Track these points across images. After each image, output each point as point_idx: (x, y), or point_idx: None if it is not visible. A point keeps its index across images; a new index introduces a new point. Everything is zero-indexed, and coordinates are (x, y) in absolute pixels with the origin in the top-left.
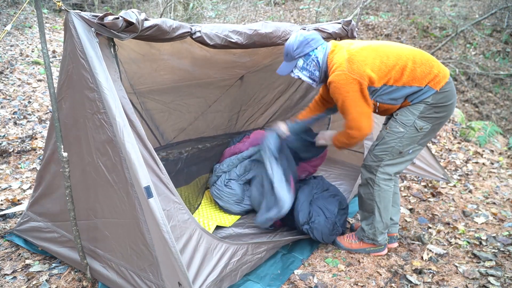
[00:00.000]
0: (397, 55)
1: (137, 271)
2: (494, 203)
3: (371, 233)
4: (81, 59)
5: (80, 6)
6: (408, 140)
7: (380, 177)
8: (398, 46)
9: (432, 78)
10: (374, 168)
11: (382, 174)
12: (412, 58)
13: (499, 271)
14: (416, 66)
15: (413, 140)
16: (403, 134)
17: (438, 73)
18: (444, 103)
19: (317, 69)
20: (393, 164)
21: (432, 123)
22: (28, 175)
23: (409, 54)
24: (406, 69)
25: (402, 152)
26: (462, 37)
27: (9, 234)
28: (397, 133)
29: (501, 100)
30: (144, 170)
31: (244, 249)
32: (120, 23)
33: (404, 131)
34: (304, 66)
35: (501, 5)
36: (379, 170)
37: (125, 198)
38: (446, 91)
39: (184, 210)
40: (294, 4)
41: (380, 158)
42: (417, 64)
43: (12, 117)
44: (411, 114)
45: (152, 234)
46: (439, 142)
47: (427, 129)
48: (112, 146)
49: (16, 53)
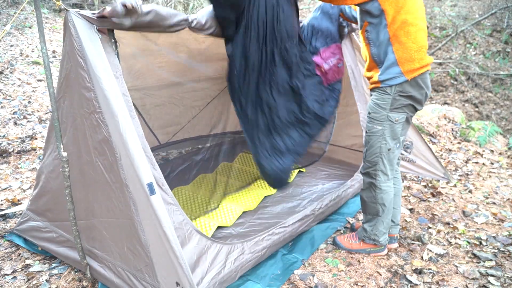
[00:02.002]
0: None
1: (134, 272)
2: (494, 203)
3: (373, 234)
4: (79, 58)
5: (80, 6)
6: (390, 136)
7: (380, 179)
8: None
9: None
10: (372, 173)
11: (381, 177)
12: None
13: (499, 271)
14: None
15: (394, 134)
16: (383, 131)
17: (423, 58)
18: (412, 93)
19: None
20: (388, 163)
21: (405, 113)
22: (28, 175)
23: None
24: (405, 27)
25: (391, 148)
26: (462, 37)
27: (9, 234)
28: (377, 132)
29: (501, 100)
30: (146, 167)
31: (239, 248)
32: (119, 8)
33: (382, 128)
34: None
35: (501, 5)
36: (377, 173)
37: (122, 198)
38: (417, 82)
39: (179, 211)
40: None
41: (374, 162)
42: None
43: (12, 117)
44: (381, 109)
45: (147, 235)
46: (439, 142)
47: (403, 119)
48: (109, 146)
49: (16, 53)
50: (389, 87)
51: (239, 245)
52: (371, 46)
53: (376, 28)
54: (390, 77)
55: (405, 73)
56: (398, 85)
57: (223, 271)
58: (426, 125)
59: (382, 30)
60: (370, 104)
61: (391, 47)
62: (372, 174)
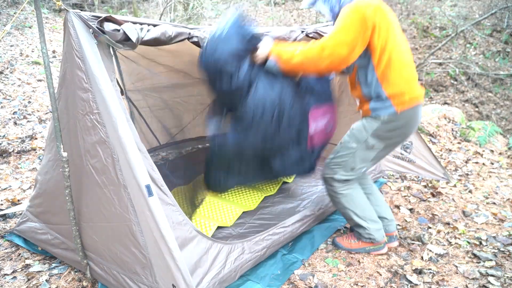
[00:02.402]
0: (400, 50)
1: (129, 274)
2: (494, 203)
3: (366, 233)
4: (77, 58)
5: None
6: (360, 157)
7: (338, 186)
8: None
9: (401, 93)
10: (330, 180)
11: (338, 183)
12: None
13: (499, 271)
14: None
15: (365, 158)
16: (355, 151)
17: (411, 92)
18: (399, 126)
19: (338, 3)
20: (346, 175)
21: (385, 143)
22: (28, 175)
23: (408, 59)
24: (391, 65)
25: (354, 168)
26: (462, 37)
27: (9, 234)
28: (350, 148)
29: (501, 100)
30: (143, 169)
31: (240, 248)
32: (120, 36)
33: (356, 147)
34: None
35: (501, 5)
36: (334, 181)
37: (116, 200)
38: (405, 117)
39: (178, 212)
40: (294, 4)
41: (334, 171)
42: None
43: (12, 117)
44: (365, 130)
45: (145, 236)
46: (439, 142)
47: (379, 148)
48: (105, 148)
49: (16, 53)
50: (379, 116)
51: (239, 244)
52: (362, 86)
53: (365, 71)
54: (381, 107)
55: (396, 105)
56: (387, 116)
57: (223, 271)
58: (426, 125)
59: (370, 72)
60: (358, 122)
61: (380, 85)
62: (329, 180)
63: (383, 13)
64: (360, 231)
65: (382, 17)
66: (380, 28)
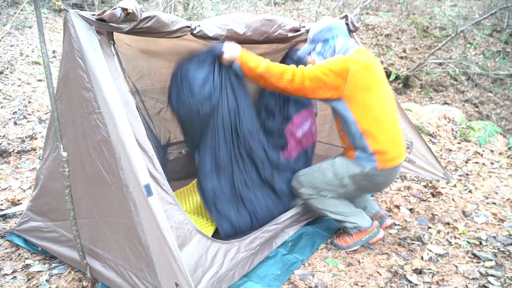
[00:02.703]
0: (387, 109)
1: (135, 271)
2: (494, 203)
3: (350, 225)
4: (78, 58)
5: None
6: (330, 187)
7: (304, 196)
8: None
9: (385, 151)
10: (296, 190)
11: (303, 195)
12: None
13: (499, 271)
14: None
15: (334, 190)
16: (329, 180)
17: (394, 151)
18: (376, 180)
19: (332, 56)
20: (310, 193)
21: (357, 186)
22: (28, 175)
23: (395, 119)
24: (378, 122)
25: (320, 192)
26: (462, 37)
27: (9, 234)
28: (325, 176)
29: (501, 100)
30: (144, 169)
31: (236, 247)
32: (119, 12)
33: (331, 178)
34: (321, 51)
35: (501, 5)
36: (299, 192)
37: (121, 198)
38: (384, 174)
39: (180, 211)
40: (294, 4)
41: (301, 185)
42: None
43: (12, 117)
44: (346, 169)
45: (147, 235)
46: (439, 142)
47: (350, 189)
48: (107, 147)
49: (16, 53)
50: (361, 165)
51: (236, 243)
52: (347, 136)
53: (347, 123)
54: (365, 158)
55: (378, 161)
56: (369, 168)
57: (221, 270)
58: (426, 125)
59: (352, 125)
60: (343, 159)
61: (365, 140)
62: (295, 190)
63: (371, 71)
64: (345, 225)
65: (369, 75)
66: (360, 86)
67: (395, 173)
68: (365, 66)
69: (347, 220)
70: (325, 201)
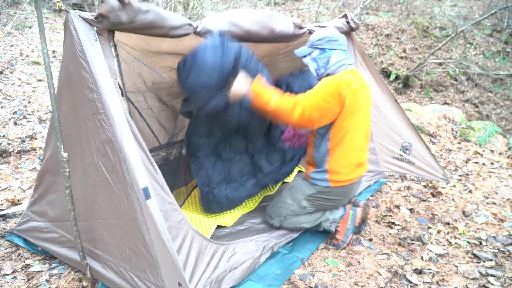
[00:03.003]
0: (356, 136)
1: (136, 272)
2: (494, 203)
3: (330, 223)
4: (81, 59)
5: (80, 6)
6: (293, 213)
7: (278, 224)
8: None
9: (338, 172)
10: (269, 223)
11: (276, 223)
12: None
13: (499, 271)
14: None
15: (296, 214)
16: (289, 206)
17: (347, 173)
18: (330, 197)
19: (324, 67)
20: (280, 222)
21: (316, 207)
22: (28, 175)
23: (358, 146)
24: (342, 145)
25: (287, 217)
26: (462, 37)
27: (9, 234)
28: (285, 203)
29: (501, 100)
30: (142, 172)
31: (231, 249)
32: (114, 1)
33: (291, 203)
34: (316, 58)
35: (501, 5)
36: (272, 223)
37: (125, 199)
38: (337, 191)
39: (178, 211)
40: (294, 4)
41: (270, 217)
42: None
43: (12, 117)
44: (301, 192)
45: (152, 234)
46: (439, 142)
47: (310, 210)
48: (112, 147)
49: (16, 53)
50: (315, 184)
51: (232, 246)
52: (315, 149)
53: (320, 139)
54: (318, 178)
55: (330, 180)
56: (322, 187)
57: (218, 270)
58: (426, 125)
59: (324, 143)
60: (298, 182)
61: (327, 157)
62: (268, 222)
63: (359, 95)
64: (325, 227)
65: (356, 99)
66: (347, 109)
67: (349, 190)
68: (355, 89)
69: (322, 221)
70: (293, 219)
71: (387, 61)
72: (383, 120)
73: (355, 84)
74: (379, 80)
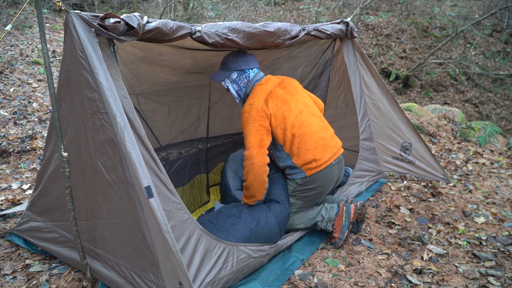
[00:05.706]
0: (301, 124)
1: (138, 271)
2: (494, 203)
3: (325, 222)
4: (81, 59)
5: (80, 6)
6: None
7: None
8: (310, 119)
9: (309, 162)
10: None
11: None
12: (309, 134)
13: (499, 271)
14: (306, 143)
15: None
16: None
17: (318, 158)
18: (312, 186)
19: (245, 87)
20: None
21: (302, 200)
22: (28, 175)
23: (311, 128)
24: (295, 141)
25: None
26: (462, 37)
27: (9, 234)
28: None
29: (501, 100)
30: (145, 170)
31: (241, 249)
32: (121, 27)
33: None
34: (236, 80)
35: (501, 5)
36: None
37: (126, 198)
38: (317, 177)
39: (183, 210)
40: (294, 4)
41: None
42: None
43: (12, 117)
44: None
45: (152, 234)
46: (439, 142)
47: (298, 205)
48: (113, 146)
49: (16, 53)
50: (294, 179)
51: (241, 247)
52: (278, 161)
53: (277, 149)
54: (294, 172)
55: (305, 170)
56: (300, 179)
57: (225, 270)
58: (426, 125)
59: (282, 152)
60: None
61: (291, 159)
62: None
63: (278, 98)
64: (321, 226)
65: (276, 103)
66: (276, 115)
67: (329, 173)
68: (267, 97)
69: (317, 220)
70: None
71: (387, 61)
72: (383, 120)
73: (265, 93)
74: (379, 80)
